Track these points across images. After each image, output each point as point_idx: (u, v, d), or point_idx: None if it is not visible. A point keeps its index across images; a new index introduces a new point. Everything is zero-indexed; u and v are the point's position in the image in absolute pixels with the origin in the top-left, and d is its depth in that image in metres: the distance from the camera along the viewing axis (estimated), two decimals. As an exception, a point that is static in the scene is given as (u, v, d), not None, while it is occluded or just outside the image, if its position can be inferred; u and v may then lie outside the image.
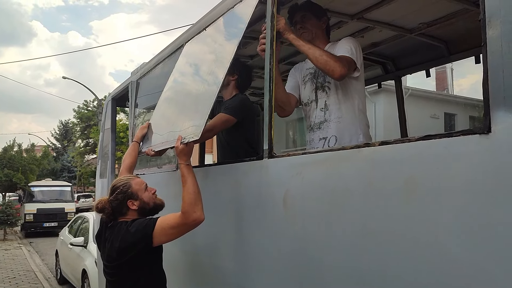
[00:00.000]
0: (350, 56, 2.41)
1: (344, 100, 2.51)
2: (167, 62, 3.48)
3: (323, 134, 2.53)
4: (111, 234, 2.43)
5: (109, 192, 2.48)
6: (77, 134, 41.02)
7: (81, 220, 9.01)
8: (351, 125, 2.50)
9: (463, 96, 20.41)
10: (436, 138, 1.34)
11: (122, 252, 2.34)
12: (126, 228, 2.35)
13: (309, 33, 2.61)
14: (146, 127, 3.06)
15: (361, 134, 2.50)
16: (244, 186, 2.34)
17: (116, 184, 2.48)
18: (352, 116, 2.51)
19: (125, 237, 2.33)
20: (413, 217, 1.40)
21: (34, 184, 20.00)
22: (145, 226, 2.32)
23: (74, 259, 7.93)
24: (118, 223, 2.43)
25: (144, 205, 2.47)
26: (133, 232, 2.32)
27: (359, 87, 2.55)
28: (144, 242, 2.30)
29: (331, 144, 2.47)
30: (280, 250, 2.04)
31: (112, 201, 2.43)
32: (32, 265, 10.88)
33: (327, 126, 2.52)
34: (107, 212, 2.44)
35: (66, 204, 18.55)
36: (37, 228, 17.52)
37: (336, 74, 2.30)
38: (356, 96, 2.52)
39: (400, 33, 3.34)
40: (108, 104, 5.22)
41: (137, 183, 2.50)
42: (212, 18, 2.80)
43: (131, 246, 2.32)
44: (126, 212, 2.45)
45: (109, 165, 4.88)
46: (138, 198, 2.46)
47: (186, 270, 3.06)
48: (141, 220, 2.39)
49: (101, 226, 2.60)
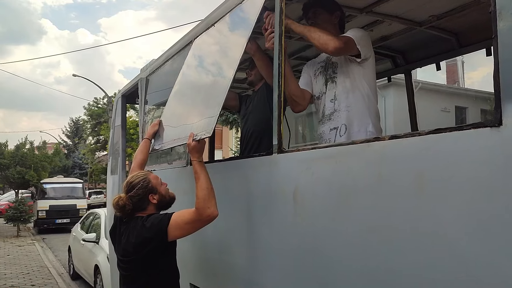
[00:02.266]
0: (350, 36, 2.42)
1: (352, 89, 2.51)
2: (176, 59, 3.49)
3: (334, 124, 2.53)
4: (126, 228, 2.47)
5: (126, 188, 2.50)
6: (88, 131, 41.28)
7: (93, 216, 9.10)
8: (360, 113, 2.49)
9: (474, 89, 20.16)
10: (446, 132, 1.33)
11: (138, 247, 2.38)
12: (142, 223, 2.39)
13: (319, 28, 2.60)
14: (157, 124, 3.07)
15: (370, 123, 2.49)
16: (254, 181, 2.34)
17: (134, 180, 2.51)
18: (361, 105, 2.50)
19: (141, 232, 2.37)
20: (423, 212, 1.39)
21: (46, 181, 20.20)
22: (160, 221, 2.36)
23: (86, 255, 8.02)
24: (133, 218, 2.47)
25: (162, 198, 2.53)
26: (149, 227, 2.36)
27: (368, 75, 2.54)
28: (160, 236, 2.35)
29: (342, 133, 2.47)
30: (290, 246, 2.05)
31: (133, 197, 2.46)
32: (46, 261, 11.02)
33: (337, 116, 2.52)
34: (127, 209, 2.46)
35: (78, 201, 18.73)
36: (49, 225, 17.73)
37: (331, 47, 2.31)
38: (365, 84, 2.52)
39: (410, 26, 3.31)
40: (118, 101, 5.25)
41: (155, 178, 2.56)
42: (220, 14, 2.80)
43: (147, 241, 2.36)
44: (146, 207, 2.49)
45: (119, 162, 4.92)
46: (158, 191, 2.52)
47: (197, 266, 3.08)
48: (156, 215, 2.44)
49: (115, 221, 2.63)
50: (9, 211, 16.33)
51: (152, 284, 2.45)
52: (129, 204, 2.45)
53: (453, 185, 1.31)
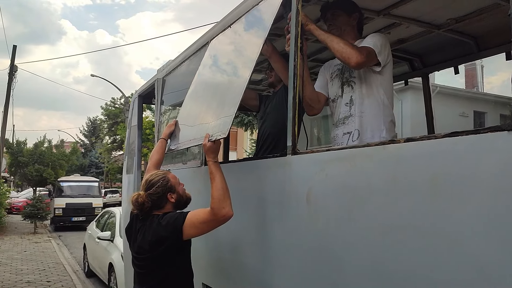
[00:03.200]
0: (371, 47, 2.39)
1: (368, 95, 2.49)
2: (193, 60, 3.52)
3: (347, 129, 2.52)
4: (142, 226, 2.50)
5: (145, 186, 2.53)
6: (105, 130, 41.84)
7: (108, 215, 9.20)
8: (374, 120, 2.47)
9: (494, 94, 19.83)
10: (463, 135, 1.31)
11: (154, 244, 2.41)
12: (158, 221, 2.43)
13: (337, 30, 2.60)
14: (174, 124, 3.10)
15: (384, 129, 2.47)
16: (268, 182, 2.35)
17: (154, 178, 2.54)
18: (376, 111, 2.48)
19: (157, 230, 2.40)
20: (439, 215, 1.38)
21: (63, 179, 20.51)
22: (176, 219, 2.39)
23: (101, 253, 8.11)
24: (150, 216, 2.50)
25: (180, 198, 2.57)
26: (164, 225, 2.39)
27: (385, 81, 2.52)
28: (175, 235, 2.37)
29: (354, 138, 2.46)
30: (303, 247, 2.04)
31: (152, 195, 2.49)
32: (61, 258, 11.18)
33: (351, 121, 2.50)
34: (146, 206, 2.49)
35: (94, 199, 18.95)
36: (65, 222, 17.97)
37: (353, 62, 2.29)
38: (381, 91, 2.49)
39: (428, 29, 3.28)
40: (134, 102, 5.31)
41: (173, 177, 2.60)
42: (237, 16, 2.82)
43: (163, 239, 2.39)
44: (164, 206, 2.53)
45: (135, 161, 4.96)
46: (176, 191, 2.55)
47: (209, 265, 3.09)
48: (172, 214, 2.47)
49: (131, 219, 2.67)
50: (27, 208, 16.62)
51: (166, 282, 2.47)
52: (148, 201, 2.48)
53: (470, 188, 1.30)
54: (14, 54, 18.72)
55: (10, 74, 18.39)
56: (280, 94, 3.28)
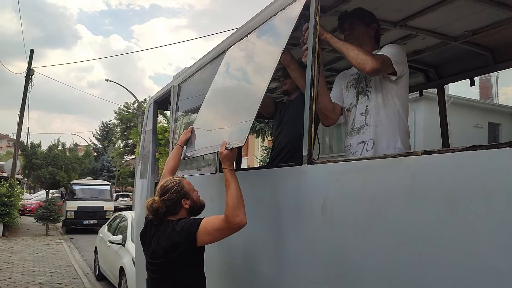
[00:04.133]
0: (388, 55, 2.40)
1: (384, 105, 2.50)
2: (209, 68, 3.56)
3: (362, 138, 2.52)
4: (157, 231, 2.53)
5: (160, 192, 2.56)
6: (117, 135, 42.17)
7: (120, 219, 9.26)
8: (389, 129, 2.48)
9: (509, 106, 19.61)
10: (481, 149, 1.31)
11: (168, 250, 2.44)
12: (173, 227, 2.45)
13: (355, 40, 2.60)
14: (190, 131, 3.12)
15: (399, 140, 2.47)
16: (282, 191, 2.36)
17: (169, 184, 2.57)
18: (392, 121, 2.49)
19: (172, 236, 2.43)
20: (456, 230, 1.38)
21: (75, 182, 20.68)
22: (190, 225, 2.41)
23: (112, 257, 8.16)
24: (165, 222, 2.53)
25: (194, 204, 2.59)
26: (179, 231, 2.42)
27: (401, 92, 2.52)
28: (189, 241, 2.40)
29: (369, 148, 2.46)
30: (317, 257, 2.04)
31: (166, 200, 2.52)
32: (72, 260, 11.26)
33: (366, 130, 2.51)
34: (160, 212, 2.52)
35: (105, 203, 19.08)
36: (77, 225, 18.10)
37: (368, 67, 2.31)
38: (397, 102, 2.50)
39: (444, 40, 3.28)
40: (150, 107, 5.37)
41: (188, 183, 2.62)
42: (254, 25, 2.85)
43: (177, 245, 2.41)
44: (178, 211, 2.55)
45: (149, 166, 5.01)
46: (190, 197, 2.57)
47: (222, 273, 3.10)
48: (186, 220, 2.49)
49: (145, 224, 2.70)
50: (40, 210, 16.81)
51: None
52: (163, 207, 2.51)
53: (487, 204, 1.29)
54: (31, 58, 19.02)
55: (27, 77, 18.68)
56: (296, 103, 3.28)
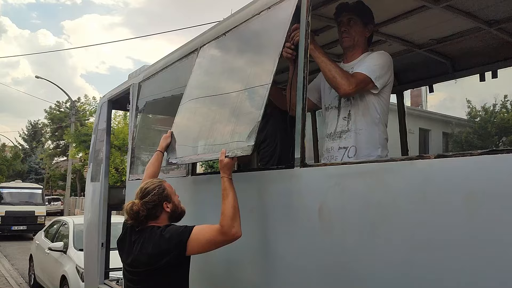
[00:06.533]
0: (367, 74, 2.41)
1: (364, 113, 2.51)
2: (177, 66, 3.43)
3: (344, 143, 2.51)
4: (140, 238, 2.36)
5: (140, 194, 2.41)
6: (47, 135, 39.90)
7: (59, 224, 8.73)
8: (370, 137, 2.50)
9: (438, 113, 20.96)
10: (497, 154, 1.34)
11: (154, 258, 2.28)
12: (160, 233, 2.30)
13: (351, 39, 2.58)
14: (169, 136, 2.95)
15: (380, 148, 2.51)
16: (272, 195, 2.27)
17: (149, 186, 2.42)
18: (373, 129, 2.51)
19: (159, 243, 2.28)
20: (474, 235, 1.38)
21: (3, 185, 19.31)
22: (181, 233, 2.27)
23: (51, 264, 7.65)
24: (149, 227, 2.36)
25: (175, 208, 2.46)
26: (168, 238, 2.27)
27: (382, 101, 2.54)
28: (178, 249, 2.26)
29: (351, 155, 2.46)
30: (313, 265, 1.98)
31: (147, 203, 2.37)
32: (2, 269, 10.46)
33: (348, 136, 2.50)
34: (141, 215, 2.36)
35: (36, 207, 17.92)
36: (4, 231, 16.84)
37: (341, 91, 2.40)
38: (378, 110, 2.52)
39: (409, 47, 3.41)
40: (103, 106, 5.09)
41: (169, 186, 2.49)
42: (233, 24, 2.77)
43: (164, 252, 2.26)
44: (159, 216, 2.40)
45: (102, 168, 4.75)
46: (171, 200, 2.44)
47: (209, 284, 2.90)
48: (176, 227, 2.35)
49: (124, 230, 2.52)
50: (-39, 216, 15.46)
51: None
52: (144, 210, 2.35)
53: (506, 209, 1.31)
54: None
55: None
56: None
